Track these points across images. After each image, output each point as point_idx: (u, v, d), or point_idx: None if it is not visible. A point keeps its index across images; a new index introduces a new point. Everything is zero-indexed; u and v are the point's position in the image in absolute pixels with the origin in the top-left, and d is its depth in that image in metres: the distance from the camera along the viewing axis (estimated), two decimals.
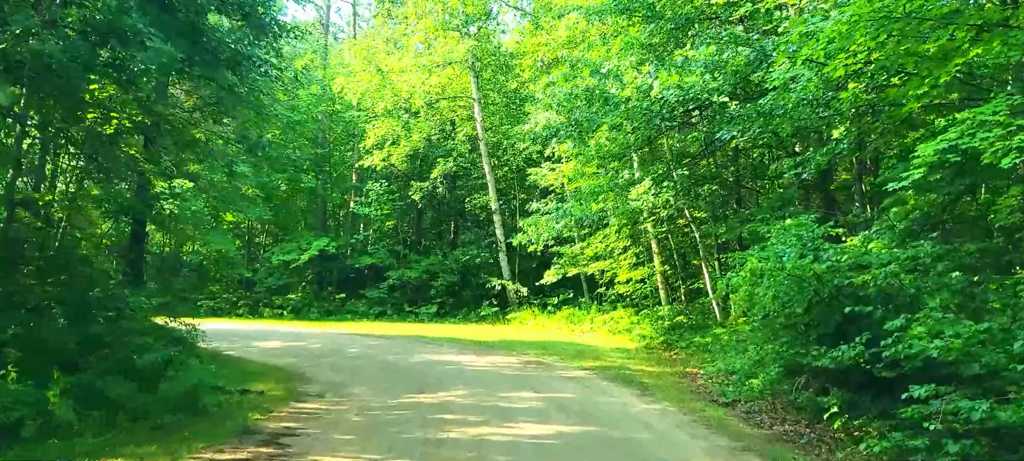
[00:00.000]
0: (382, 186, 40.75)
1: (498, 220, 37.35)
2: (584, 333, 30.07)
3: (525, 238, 27.76)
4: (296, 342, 25.20)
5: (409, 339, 26.71)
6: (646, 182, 20.27)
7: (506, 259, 37.01)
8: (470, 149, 40.81)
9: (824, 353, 10.97)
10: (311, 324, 34.55)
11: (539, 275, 34.48)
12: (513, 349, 23.49)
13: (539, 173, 32.09)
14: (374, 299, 38.97)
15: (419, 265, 39.11)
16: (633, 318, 29.27)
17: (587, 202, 22.71)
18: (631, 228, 29.31)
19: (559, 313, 33.45)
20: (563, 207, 25.32)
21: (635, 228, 29.35)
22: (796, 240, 12.34)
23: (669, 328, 25.54)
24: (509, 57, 39.31)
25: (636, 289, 30.35)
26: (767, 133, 14.52)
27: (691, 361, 20.87)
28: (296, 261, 38.79)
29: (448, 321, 36.30)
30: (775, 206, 17.76)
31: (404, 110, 38.43)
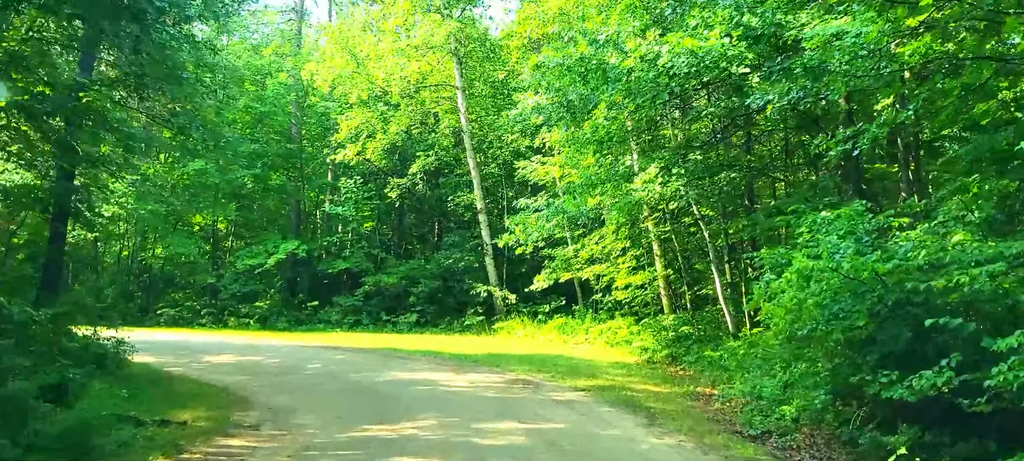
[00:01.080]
0: (356, 183, 38.16)
1: (484, 220, 34.90)
2: (578, 345, 27.74)
3: (512, 239, 25.32)
4: (252, 356, 22.73)
5: (382, 353, 24.26)
6: (651, 169, 17.70)
7: (493, 263, 34.64)
8: (454, 143, 38.33)
9: (898, 380, 8.50)
10: (278, 335, 32.06)
11: (529, 280, 32.08)
12: (498, 364, 21.06)
13: (528, 167, 29.68)
14: (348, 307, 36.45)
15: (397, 270, 36.60)
16: (633, 328, 27.02)
17: (582, 196, 20.23)
18: (630, 227, 26.91)
19: (551, 322, 31.08)
20: (555, 203, 22.89)
21: (635, 227, 26.97)
22: (847, 234, 9.89)
23: (674, 340, 23.22)
24: (495, 46, 36.93)
25: (636, 296, 27.97)
26: (810, 97, 12.14)
27: (701, 379, 18.54)
28: (262, 266, 36.19)
29: (429, 331, 33.88)
30: (805, 197, 15.34)
31: (381, 100, 35.89)
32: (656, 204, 18.75)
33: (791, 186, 23.14)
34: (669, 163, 17.73)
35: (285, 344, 27.14)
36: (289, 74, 40.54)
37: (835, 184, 15.39)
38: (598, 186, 19.88)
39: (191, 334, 31.49)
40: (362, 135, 35.80)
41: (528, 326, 31.45)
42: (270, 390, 16.33)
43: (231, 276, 37.54)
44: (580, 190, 20.15)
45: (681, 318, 24.74)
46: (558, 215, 22.64)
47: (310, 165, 42.19)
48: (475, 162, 35.06)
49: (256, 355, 23.08)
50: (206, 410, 13.77)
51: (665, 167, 17.65)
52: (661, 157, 18.72)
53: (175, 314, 36.77)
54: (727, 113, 17.74)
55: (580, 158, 21.41)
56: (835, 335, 9.14)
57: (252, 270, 36.61)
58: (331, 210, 39.11)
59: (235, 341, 28.03)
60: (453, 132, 37.75)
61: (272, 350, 24.60)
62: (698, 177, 18.06)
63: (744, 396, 13.97)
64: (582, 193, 20.12)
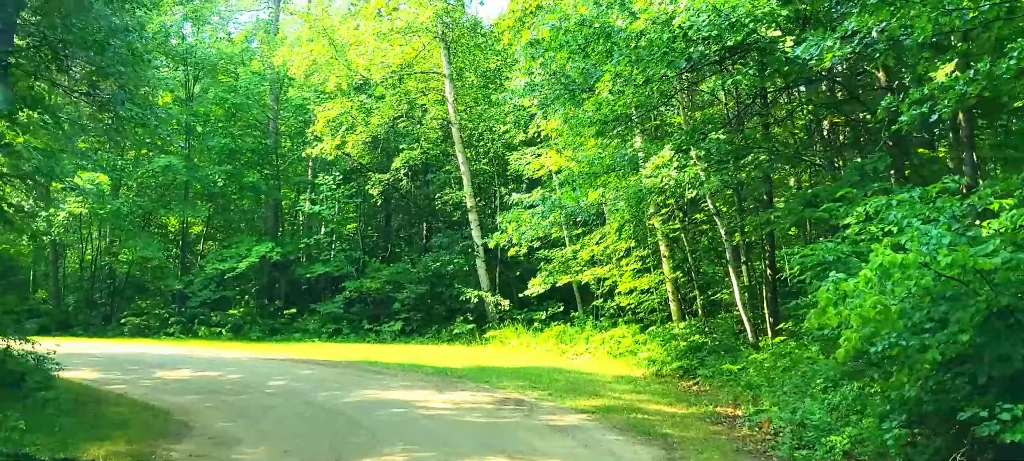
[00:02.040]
0: (335, 180, 35.89)
1: (474, 220, 32.72)
2: (578, 356, 25.69)
3: (505, 238, 23.17)
4: (211, 372, 20.56)
5: (358, 367, 22.10)
6: (665, 152, 15.38)
7: (484, 266, 32.48)
8: (442, 137, 36.13)
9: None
10: (249, 346, 29.83)
11: (523, 285, 29.98)
12: (487, 380, 18.91)
13: (522, 158, 27.54)
14: (328, 315, 34.21)
15: (381, 275, 34.33)
16: (638, 337, 25.01)
17: (582, 189, 18.01)
18: (635, 225, 24.77)
19: (547, 331, 28.94)
20: (551, 199, 20.76)
21: (640, 225, 24.83)
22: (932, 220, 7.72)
23: (686, 350, 21.10)
24: (487, 35, 34.77)
25: (641, 301, 25.77)
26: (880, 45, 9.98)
27: (720, 396, 16.48)
28: (233, 270, 33.89)
29: (415, 341, 31.73)
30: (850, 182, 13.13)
31: (362, 91, 33.68)
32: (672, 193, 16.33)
33: (815, 174, 20.98)
34: (684, 145, 15.42)
35: (253, 357, 24.95)
36: (264, 63, 38.30)
37: (886, 165, 13.22)
38: (601, 176, 17.66)
39: (153, 345, 29.28)
40: (342, 127, 33.57)
41: (523, 335, 29.34)
42: (217, 413, 14.23)
43: (201, 282, 35.25)
44: (580, 181, 17.90)
45: (693, 326, 22.62)
46: (555, 211, 20.50)
47: (287, 161, 39.90)
48: (465, 156, 32.87)
49: (215, 370, 20.90)
50: (128, 442, 11.59)
51: (680, 149, 15.34)
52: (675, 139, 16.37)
53: (141, 323, 34.52)
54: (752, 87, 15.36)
55: (580, 143, 19.15)
56: (932, 354, 6.96)
57: (222, 275, 34.29)
58: (308, 209, 36.76)
59: (198, 353, 25.83)
60: (441, 124, 35.58)
61: (235, 364, 22.41)
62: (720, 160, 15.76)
63: (780, 421, 11.80)
64: (583, 185, 17.89)
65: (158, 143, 35.79)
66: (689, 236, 24.91)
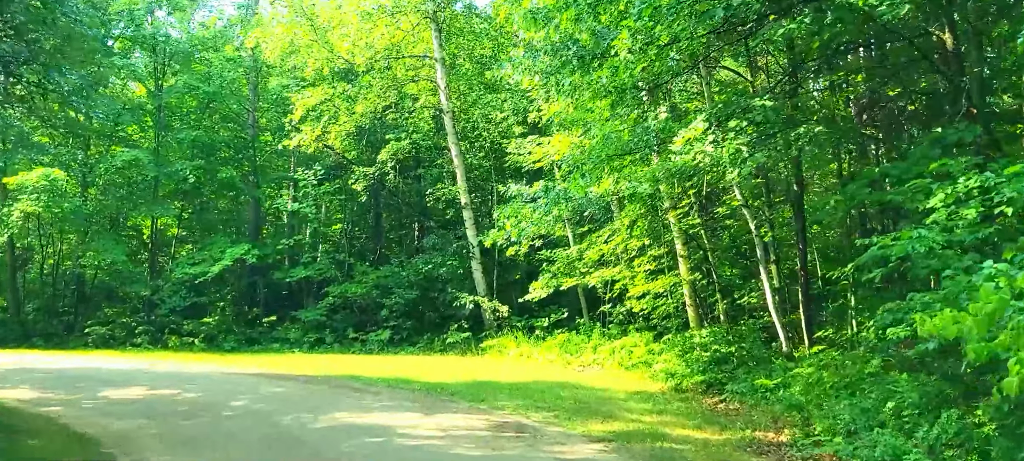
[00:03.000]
0: (317, 174, 33.68)
1: (469, 218, 30.56)
2: (585, 367, 23.68)
3: (502, 235, 20.97)
4: (168, 389, 18.36)
5: (336, 382, 19.95)
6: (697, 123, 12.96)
7: (481, 269, 30.34)
8: (434, 129, 33.94)
9: None
10: (221, 358, 27.67)
11: (524, 289, 27.90)
12: (483, 398, 16.80)
13: (522, 146, 25.38)
14: (310, 323, 32.03)
15: (367, 279, 32.13)
16: (652, 346, 22.91)
17: (593, 174, 15.75)
18: (650, 220, 22.71)
19: (551, 339, 26.82)
20: (554, 190, 18.59)
21: (655, 220, 22.76)
22: None
23: (710, 362, 19.04)
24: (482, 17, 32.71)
25: (655, 306, 23.65)
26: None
27: (755, 416, 14.46)
28: (205, 275, 31.65)
29: (405, 351, 29.64)
30: (927, 157, 10.94)
31: (345, 77, 31.46)
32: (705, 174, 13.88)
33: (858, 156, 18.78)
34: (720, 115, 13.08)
35: (222, 371, 22.78)
36: (239, 48, 36.12)
37: (974, 137, 11.01)
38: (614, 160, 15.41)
39: (115, 358, 27.10)
40: (323, 117, 31.35)
41: (523, 344, 27.19)
42: (157, 443, 12.12)
43: (171, 288, 33.02)
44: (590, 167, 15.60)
45: (716, 334, 20.44)
46: (559, 204, 18.31)
47: (265, 154, 37.69)
48: (458, 149, 30.68)
49: (173, 387, 18.69)
50: None
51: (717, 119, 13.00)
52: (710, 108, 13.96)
53: (106, 333, 32.36)
54: (809, 35, 12.95)
55: (591, 120, 16.85)
56: None
57: (194, 280, 32.09)
58: (286, 206, 34.48)
59: (161, 367, 23.66)
60: (433, 116, 33.41)
61: (198, 380, 20.22)
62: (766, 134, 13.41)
63: (852, 457, 9.61)
64: (593, 171, 15.60)
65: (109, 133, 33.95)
66: (709, 233, 22.85)
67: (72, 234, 34.76)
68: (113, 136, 34.65)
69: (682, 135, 12.59)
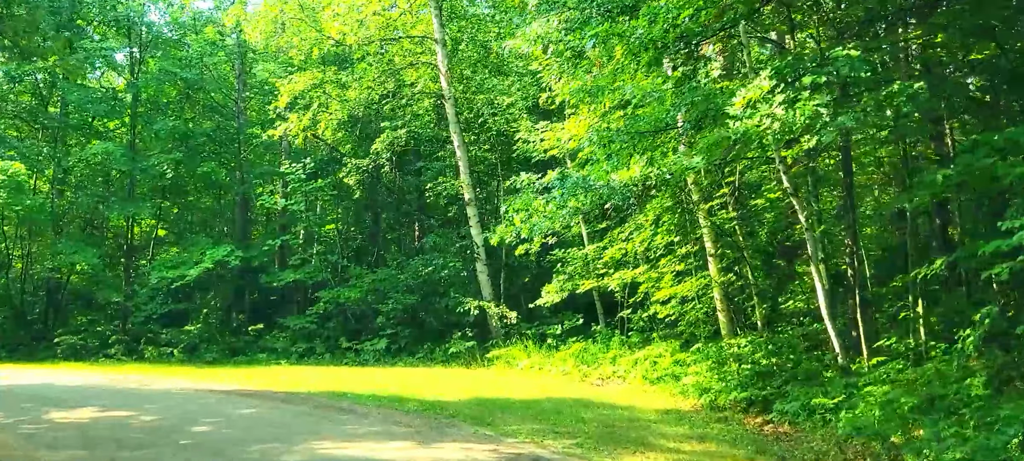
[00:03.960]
0: (306, 168, 31.52)
1: (474, 215, 28.37)
2: (605, 381, 21.55)
3: (511, 232, 18.76)
4: (122, 411, 16.24)
5: (321, 400, 17.77)
6: (763, 79, 10.51)
7: (486, 271, 28.21)
8: (435, 119, 31.74)
9: None
10: (199, 371, 25.55)
11: (535, 293, 25.79)
12: (490, 420, 14.66)
13: (532, 133, 23.22)
14: (299, 332, 29.91)
15: (362, 283, 29.97)
16: (678, 356, 20.71)
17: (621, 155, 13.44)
18: (680, 215, 20.60)
19: (564, 349, 24.68)
20: (572, 178, 16.41)
21: (684, 214, 20.62)
22: None
23: (752, 376, 16.82)
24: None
25: (683, 312, 21.41)
26: None
27: (818, 442, 12.51)
28: (183, 279, 29.47)
29: (403, 362, 27.56)
30: None
31: (338, 61, 29.25)
32: (773, 141, 11.41)
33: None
34: (790, 71, 10.65)
35: (193, 386, 20.65)
36: (220, 30, 33.99)
37: None
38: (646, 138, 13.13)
39: (81, 372, 25.02)
40: (312, 105, 29.15)
41: (533, 354, 24.99)
42: None
43: (147, 293, 30.87)
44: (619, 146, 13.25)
45: (758, 343, 18.22)
46: (577, 194, 16.10)
47: (253, 150, 35.53)
48: (461, 139, 28.47)
49: (130, 408, 16.55)
50: None
51: (784, 75, 10.57)
52: (783, 61, 11.42)
53: (77, 343, 30.29)
54: None
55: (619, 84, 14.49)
56: None
57: (170, 285, 29.93)
58: (272, 204, 32.21)
59: (125, 383, 21.54)
60: (434, 105, 31.20)
61: (161, 399, 18.06)
62: (852, 92, 11.04)
63: None
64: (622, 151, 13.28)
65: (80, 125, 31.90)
66: (744, 229, 20.66)
67: (43, 236, 32.63)
68: (86, 129, 32.57)
69: (742, 95, 10.33)
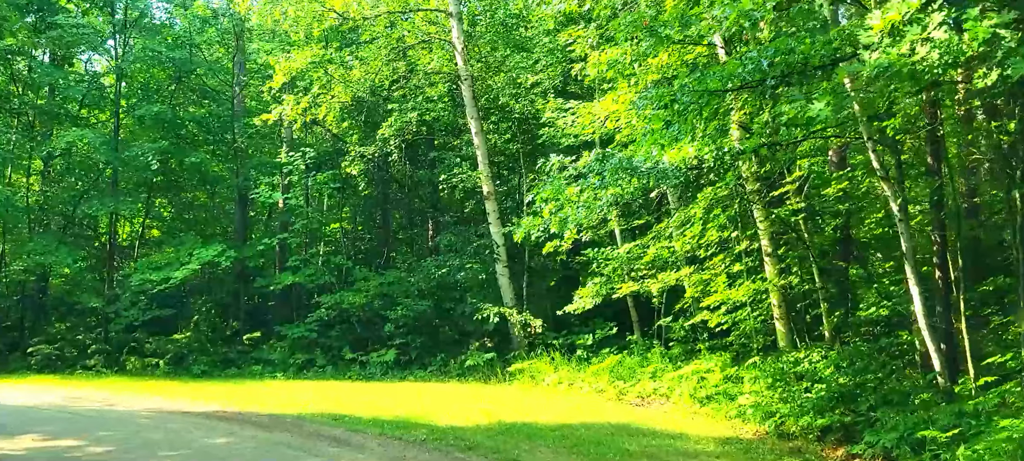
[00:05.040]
0: (306, 158, 29.14)
1: (493, 210, 25.96)
2: (645, 401, 19.05)
3: (538, 225, 16.33)
4: (69, 440, 13.87)
5: (310, 428, 15.35)
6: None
7: (507, 273, 25.83)
8: (452, 106, 29.24)
9: None
10: (181, 387, 23.18)
11: (563, 298, 23.33)
12: (516, 455, 12.23)
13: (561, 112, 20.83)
14: (298, 341, 27.52)
15: (368, 286, 27.56)
16: (728, 371, 18.26)
17: (688, 120, 10.88)
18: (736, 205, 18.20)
19: (597, 362, 22.22)
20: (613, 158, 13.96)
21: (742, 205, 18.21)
22: None
23: (830, 398, 14.39)
24: None
25: (735, 319, 18.88)
26: None
27: None
28: (167, 282, 27.05)
29: (413, 376, 25.17)
30: None
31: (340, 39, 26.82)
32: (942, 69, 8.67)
33: None
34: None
35: (165, 406, 18.30)
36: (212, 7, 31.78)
37: None
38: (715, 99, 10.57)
39: (47, 387, 22.76)
40: (313, 87, 26.75)
41: (562, 368, 22.56)
42: None
43: (130, 298, 28.52)
44: (681, 107, 10.64)
45: (832, 358, 15.72)
46: (621, 179, 13.67)
47: (252, 142, 33.15)
48: (479, 125, 26.00)
49: (81, 436, 14.18)
50: None
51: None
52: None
53: (53, 353, 28.11)
54: None
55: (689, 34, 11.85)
56: None
57: (151, 289, 27.56)
58: (266, 197, 29.75)
59: (85, 403, 19.05)
60: (449, 88, 28.70)
61: (121, 425, 15.64)
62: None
63: None
64: (690, 111, 10.68)
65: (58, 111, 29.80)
66: (809, 224, 18.07)
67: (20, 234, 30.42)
68: (65, 116, 30.32)
69: (881, 16, 7.73)
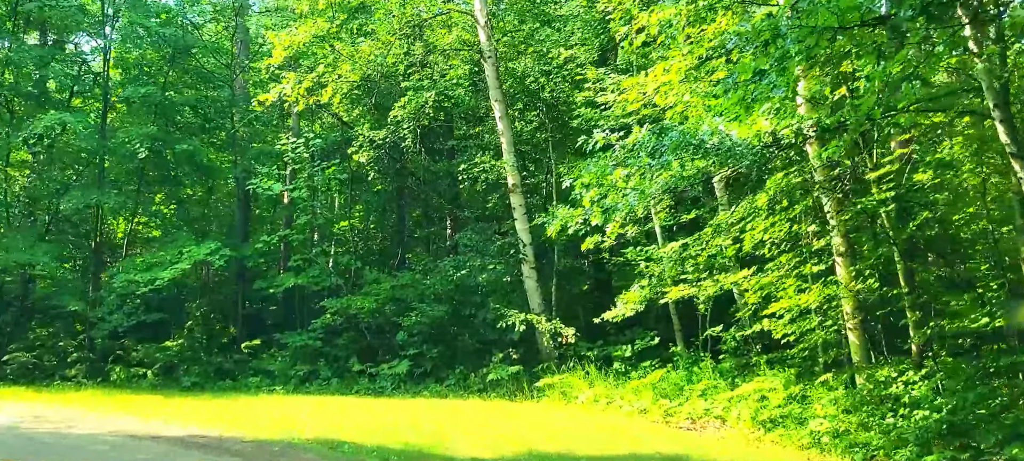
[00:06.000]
0: (309, 146, 26.91)
1: (519, 204, 23.78)
2: (697, 423, 16.72)
3: (576, 217, 13.96)
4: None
5: (305, 457, 12.88)
6: None
7: (535, 275, 23.55)
8: (473, 90, 26.88)
9: None
10: (168, 402, 20.96)
11: (596, 304, 21.34)
12: None
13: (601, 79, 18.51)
14: (300, 350, 25.27)
15: (379, 289, 25.30)
16: (792, 390, 15.90)
17: (789, 65, 8.45)
18: (806, 198, 15.80)
19: (636, 377, 19.90)
20: (673, 133, 11.60)
21: (808, 197, 15.79)
22: None
23: (941, 427, 12.05)
24: None
25: (802, 329, 16.41)
26: None
27: None
28: (153, 283, 24.74)
29: (428, 390, 22.98)
30: None
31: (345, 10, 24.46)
32: None
33: None
34: None
35: (136, 428, 16.01)
36: None
37: None
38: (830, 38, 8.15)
39: (16, 400, 20.53)
40: (318, 64, 24.50)
41: (598, 384, 20.22)
42: None
43: (115, 301, 26.33)
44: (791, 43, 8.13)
45: (940, 380, 13.31)
46: (685, 156, 11.33)
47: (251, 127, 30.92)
48: (504, 108, 23.67)
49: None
50: None
51: None
52: None
53: (30, 362, 26.18)
54: None
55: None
56: None
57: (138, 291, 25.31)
58: (263, 188, 27.35)
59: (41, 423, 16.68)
60: (469, 69, 26.37)
61: (75, 452, 13.36)
62: None
63: None
64: (787, 66, 8.26)
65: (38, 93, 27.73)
66: (895, 218, 15.57)
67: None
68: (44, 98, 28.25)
69: None
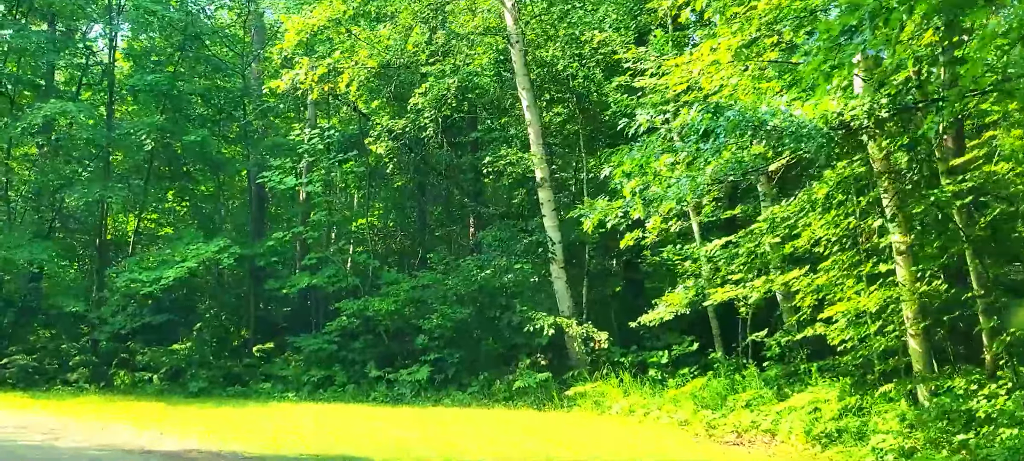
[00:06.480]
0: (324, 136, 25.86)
1: (548, 200, 22.75)
2: (745, 437, 15.47)
3: (616, 210, 12.73)
4: None
5: None
6: None
7: (564, 276, 22.49)
8: (499, 81, 25.71)
9: None
10: (172, 409, 19.99)
11: (630, 305, 20.42)
12: None
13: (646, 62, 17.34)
14: (314, 355, 24.28)
15: (398, 291, 24.28)
16: (848, 401, 14.70)
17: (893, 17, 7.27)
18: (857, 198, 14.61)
19: (674, 385, 18.74)
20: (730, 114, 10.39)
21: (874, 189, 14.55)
22: None
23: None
24: None
25: (860, 336, 15.13)
26: None
27: None
28: (159, 283, 23.69)
29: (450, 397, 21.90)
30: None
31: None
32: None
33: None
34: None
35: (130, 441, 14.85)
36: None
37: None
38: None
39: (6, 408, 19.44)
40: (334, 53, 23.43)
41: (633, 393, 19.05)
42: None
43: (119, 301, 25.37)
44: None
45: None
46: (745, 137, 10.12)
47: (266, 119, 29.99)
48: (532, 97, 22.53)
49: None
50: None
51: None
52: None
53: (30, 366, 25.23)
54: None
55: None
56: None
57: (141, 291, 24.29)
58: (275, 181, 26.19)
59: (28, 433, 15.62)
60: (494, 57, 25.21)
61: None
62: None
63: None
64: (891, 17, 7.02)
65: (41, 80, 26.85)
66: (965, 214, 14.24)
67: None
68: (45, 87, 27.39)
69: None
